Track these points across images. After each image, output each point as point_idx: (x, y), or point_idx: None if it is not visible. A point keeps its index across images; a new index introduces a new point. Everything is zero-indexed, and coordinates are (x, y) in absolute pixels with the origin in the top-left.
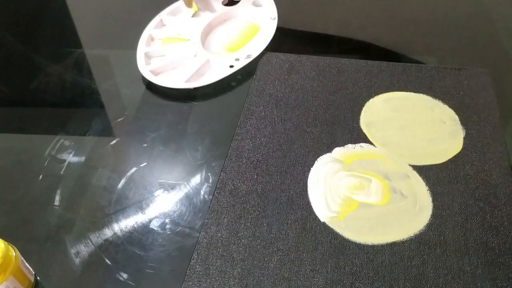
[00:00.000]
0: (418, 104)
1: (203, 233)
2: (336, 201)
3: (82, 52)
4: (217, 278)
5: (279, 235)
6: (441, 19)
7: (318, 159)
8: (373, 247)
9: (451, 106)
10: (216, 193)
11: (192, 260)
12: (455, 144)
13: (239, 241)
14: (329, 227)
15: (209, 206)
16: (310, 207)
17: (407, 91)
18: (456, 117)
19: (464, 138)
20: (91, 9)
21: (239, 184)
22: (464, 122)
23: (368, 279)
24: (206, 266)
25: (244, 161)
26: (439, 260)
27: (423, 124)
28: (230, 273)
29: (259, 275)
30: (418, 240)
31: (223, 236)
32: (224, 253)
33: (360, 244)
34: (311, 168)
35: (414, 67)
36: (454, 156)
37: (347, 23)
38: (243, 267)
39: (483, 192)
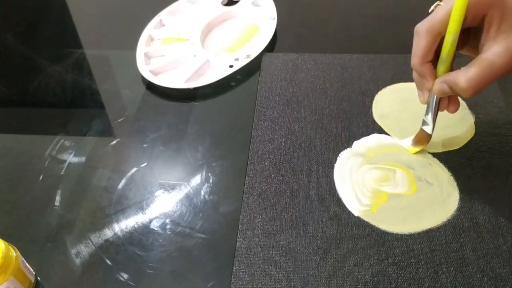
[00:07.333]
0: None
1: (240, 239)
2: (365, 194)
3: (82, 53)
4: (263, 282)
5: (317, 233)
6: None
7: (339, 154)
8: (410, 236)
9: None
10: (245, 197)
11: (234, 267)
12: (468, 129)
13: (277, 243)
14: (364, 220)
15: (240, 212)
16: (342, 202)
17: (411, 82)
18: (463, 103)
19: (475, 122)
20: (91, 9)
21: (267, 187)
22: (471, 107)
23: (412, 268)
24: (250, 272)
25: (267, 163)
26: (476, 242)
27: None
28: (276, 276)
29: (306, 275)
30: (452, 225)
31: (261, 240)
32: (265, 257)
33: (398, 235)
34: (335, 164)
35: None
36: (469, 141)
37: (345, 23)
38: (287, 269)
39: (503, 172)
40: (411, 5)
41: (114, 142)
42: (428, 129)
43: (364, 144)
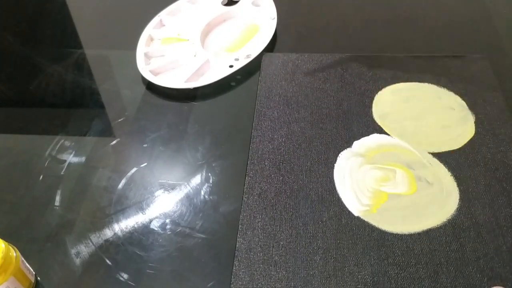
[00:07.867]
0: (425, 93)
1: (240, 239)
2: (365, 194)
3: (82, 53)
4: (263, 282)
5: (317, 233)
6: (435, 13)
7: (339, 155)
8: (410, 236)
9: (457, 92)
10: (245, 197)
11: (234, 267)
12: (468, 129)
13: (277, 243)
14: (364, 220)
15: (240, 212)
16: (342, 202)
17: (411, 82)
18: (463, 103)
19: (475, 122)
20: (91, 9)
21: (267, 187)
22: (471, 107)
23: (412, 267)
24: (250, 272)
25: (267, 163)
26: (476, 242)
27: (434, 112)
28: (276, 276)
29: (306, 275)
30: (452, 225)
31: (261, 240)
32: (265, 257)
33: (398, 235)
34: (335, 164)
35: (414, 58)
36: (469, 141)
37: (344, 22)
38: (287, 269)
39: (503, 172)
40: (411, 5)
41: (114, 142)
42: None
43: (364, 144)
